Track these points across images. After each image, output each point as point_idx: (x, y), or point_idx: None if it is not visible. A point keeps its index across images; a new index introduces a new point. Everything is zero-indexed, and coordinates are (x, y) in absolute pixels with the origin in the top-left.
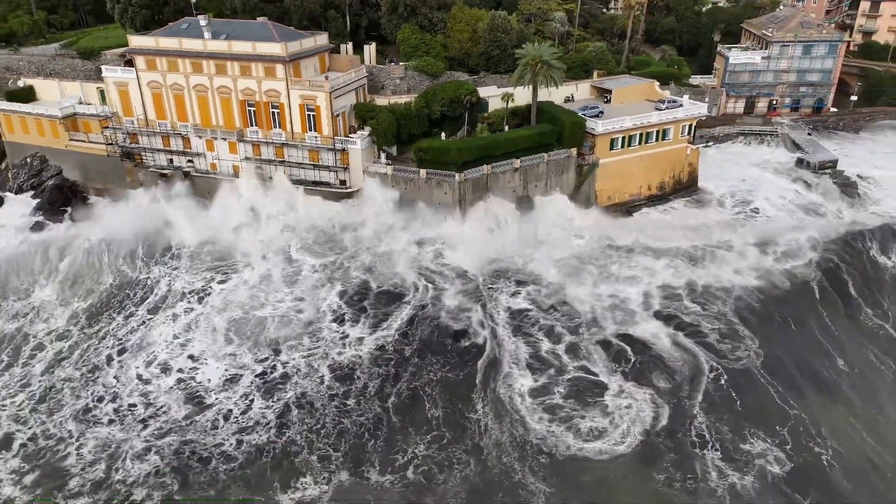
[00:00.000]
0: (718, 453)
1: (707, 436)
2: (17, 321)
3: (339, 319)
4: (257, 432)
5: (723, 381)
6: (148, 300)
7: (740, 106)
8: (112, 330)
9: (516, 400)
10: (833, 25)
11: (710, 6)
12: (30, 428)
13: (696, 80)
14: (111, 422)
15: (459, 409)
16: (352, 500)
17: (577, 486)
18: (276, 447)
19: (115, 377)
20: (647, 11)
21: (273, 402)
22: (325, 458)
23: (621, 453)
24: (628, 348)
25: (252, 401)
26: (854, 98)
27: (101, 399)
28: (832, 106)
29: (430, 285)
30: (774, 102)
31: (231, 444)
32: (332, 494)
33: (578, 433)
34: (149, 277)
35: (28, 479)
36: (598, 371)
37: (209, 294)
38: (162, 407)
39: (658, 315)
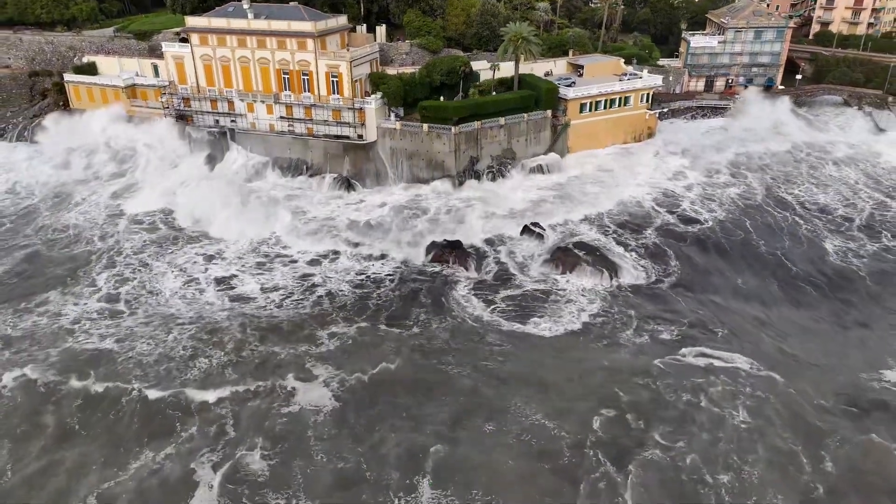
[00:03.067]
0: (635, 328)
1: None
2: None
3: None
4: None
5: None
6: None
7: (701, 84)
8: None
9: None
10: (799, 18)
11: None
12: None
13: (663, 62)
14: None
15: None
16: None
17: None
18: None
19: None
20: (626, 4)
21: None
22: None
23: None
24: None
25: None
26: (799, 77)
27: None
28: (781, 84)
29: None
30: (730, 81)
31: None
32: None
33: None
34: None
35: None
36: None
37: None
38: None
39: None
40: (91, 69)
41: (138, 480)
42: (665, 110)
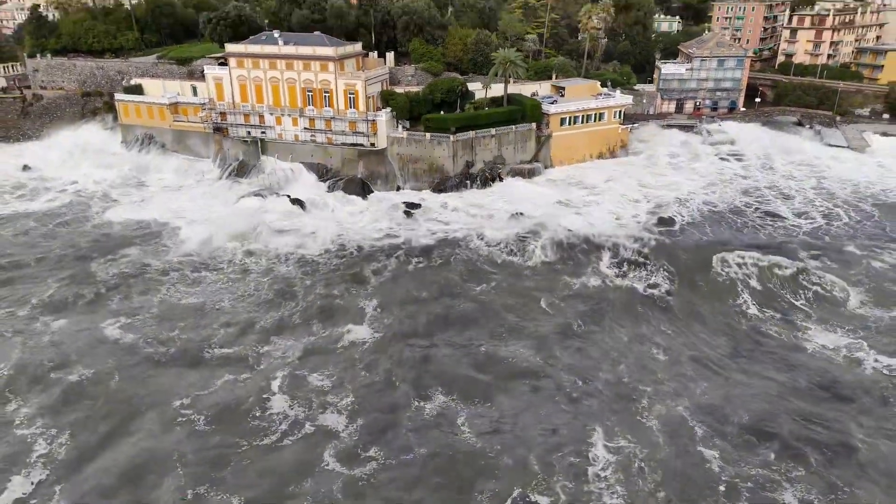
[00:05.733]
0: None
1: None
2: None
3: None
4: None
5: None
6: None
7: (672, 106)
8: None
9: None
10: (768, 51)
11: (657, 33)
12: None
13: (639, 87)
14: None
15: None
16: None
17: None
18: None
19: None
20: (608, 37)
21: None
22: None
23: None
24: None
25: None
26: (758, 100)
27: None
28: (743, 106)
29: None
30: (698, 103)
31: None
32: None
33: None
34: None
35: None
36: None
37: None
38: None
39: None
40: (138, 90)
41: (224, 391)
42: (636, 127)
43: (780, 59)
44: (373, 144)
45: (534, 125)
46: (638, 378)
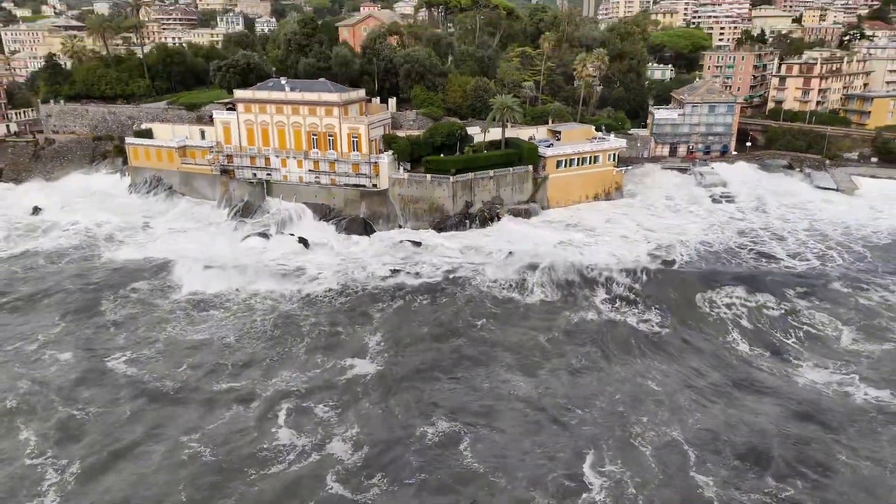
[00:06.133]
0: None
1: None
2: None
3: None
4: None
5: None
6: None
7: (666, 150)
8: None
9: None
10: (759, 98)
11: (650, 80)
12: None
13: (633, 131)
14: None
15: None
16: None
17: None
18: None
19: None
20: (603, 84)
21: None
22: None
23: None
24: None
25: None
26: (749, 144)
27: None
28: (735, 150)
29: None
30: (691, 147)
31: None
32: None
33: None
34: None
35: None
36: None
37: None
38: None
39: None
40: (148, 134)
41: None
42: (628, 169)
43: (771, 105)
44: (375, 185)
45: (531, 167)
46: (632, 407)
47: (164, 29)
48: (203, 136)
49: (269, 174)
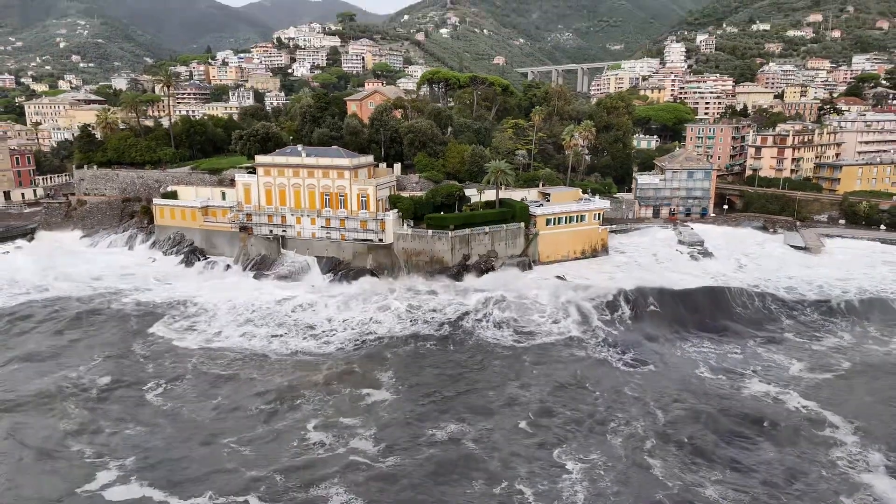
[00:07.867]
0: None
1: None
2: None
3: None
4: None
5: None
6: None
7: (649, 212)
8: None
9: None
10: (739, 166)
11: (636, 149)
12: None
13: (619, 195)
14: None
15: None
16: None
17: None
18: None
19: None
20: (591, 152)
21: None
22: None
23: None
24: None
25: None
26: (726, 207)
27: None
28: (713, 213)
29: None
30: (672, 209)
31: None
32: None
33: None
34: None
35: None
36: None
37: None
38: None
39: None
40: (173, 195)
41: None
42: (614, 229)
43: (749, 172)
44: (381, 240)
45: (523, 224)
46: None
47: (178, 103)
48: (224, 197)
49: (284, 230)
